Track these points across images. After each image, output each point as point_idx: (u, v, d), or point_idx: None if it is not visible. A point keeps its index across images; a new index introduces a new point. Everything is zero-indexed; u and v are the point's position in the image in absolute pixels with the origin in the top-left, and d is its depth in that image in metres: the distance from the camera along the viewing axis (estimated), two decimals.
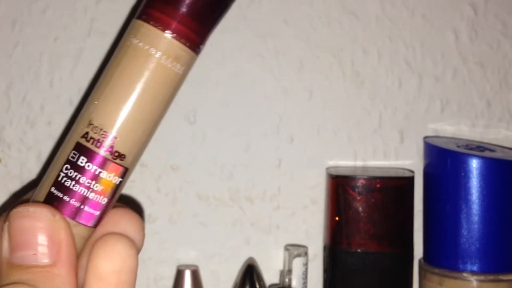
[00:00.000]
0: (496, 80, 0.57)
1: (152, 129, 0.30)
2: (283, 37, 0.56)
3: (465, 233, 0.49)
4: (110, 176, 0.28)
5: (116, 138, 0.28)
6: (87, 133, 0.28)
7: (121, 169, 0.29)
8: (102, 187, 0.28)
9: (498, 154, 0.51)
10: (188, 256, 0.56)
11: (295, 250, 0.54)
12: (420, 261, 0.53)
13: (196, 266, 0.53)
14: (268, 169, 0.56)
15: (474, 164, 0.49)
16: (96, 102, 0.29)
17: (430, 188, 0.53)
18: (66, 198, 0.28)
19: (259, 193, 0.56)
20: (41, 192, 0.28)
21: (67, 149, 0.29)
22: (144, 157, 0.55)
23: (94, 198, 0.28)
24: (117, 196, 0.29)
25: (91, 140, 0.28)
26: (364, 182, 0.51)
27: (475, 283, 0.49)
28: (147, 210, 0.56)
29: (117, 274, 0.27)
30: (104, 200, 0.28)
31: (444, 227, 0.50)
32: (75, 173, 0.28)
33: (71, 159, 0.28)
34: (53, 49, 0.55)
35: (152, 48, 0.28)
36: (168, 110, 0.30)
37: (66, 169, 0.28)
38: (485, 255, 0.49)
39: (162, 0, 0.28)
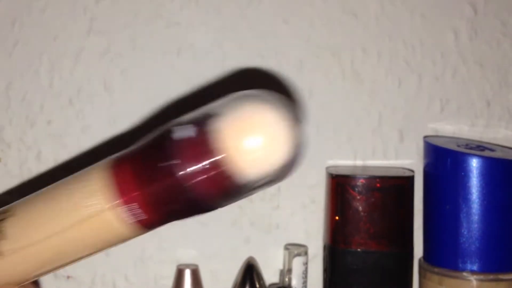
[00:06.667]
0: (495, 80, 0.57)
1: (40, 269, 0.28)
2: (283, 37, 0.56)
3: (465, 233, 0.49)
4: None
5: (12, 218, 0.27)
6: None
7: None
8: None
9: (498, 154, 0.51)
10: (188, 256, 0.56)
11: (295, 249, 0.54)
12: (420, 260, 0.53)
13: (196, 266, 0.53)
14: None
15: (474, 163, 0.49)
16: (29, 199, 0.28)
17: (430, 188, 0.53)
18: None
19: (258, 193, 0.56)
20: None
21: None
22: None
23: None
24: None
25: None
26: (364, 181, 0.51)
27: (474, 283, 0.49)
28: None
29: None
30: None
31: (444, 227, 0.50)
32: None
33: None
34: (53, 49, 0.55)
35: (98, 205, 0.26)
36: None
37: None
38: (484, 254, 0.49)
39: (132, 169, 0.26)
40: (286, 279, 0.54)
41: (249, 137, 0.23)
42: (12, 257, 0.27)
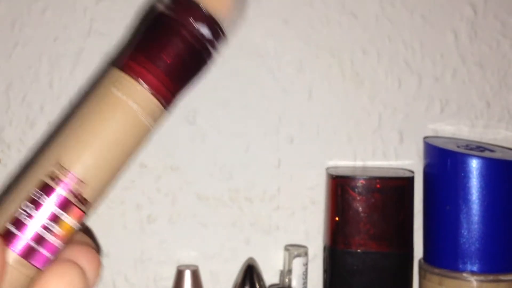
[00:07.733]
0: (495, 81, 0.57)
1: (114, 180, 0.29)
2: (283, 37, 0.56)
3: (465, 233, 0.49)
4: (71, 221, 0.27)
5: (82, 182, 0.27)
6: (53, 172, 0.27)
7: (81, 214, 0.28)
8: (62, 231, 0.27)
9: (497, 154, 0.51)
10: (188, 256, 0.56)
11: (295, 250, 0.54)
12: (420, 261, 0.53)
13: (196, 266, 0.53)
14: (268, 170, 0.56)
15: (474, 164, 0.49)
16: (67, 143, 0.28)
17: (430, 188, 0.53)
18: (22, 235, 0.27)
19: (258, 194, 0.56)
20: None
21: (29, 186, 0.27)
22: (144, 158, 0.55)
23: (52, 241, 0.27)
24: (70, 241, 0.28)
25: (56, 180, 0.27)
26: (364, 182, 0.51)
27: (475, 283, 0.49)
28: (146, 211, 0.56)
29: None
30: (61, 245, 0.27)
31: (444, 227, 0.50)
32: (35, 212, 0.27)
33: (33, 197, 0.27)
34: (53, 49, 0.55)
35: (131, 101, 0.28)
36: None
37: (26, 206, 0.27)
38: (485, 255, 0.49)
39: (144, 56, 0.29)
40: (286, 280, 0.54)
41: None
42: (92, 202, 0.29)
